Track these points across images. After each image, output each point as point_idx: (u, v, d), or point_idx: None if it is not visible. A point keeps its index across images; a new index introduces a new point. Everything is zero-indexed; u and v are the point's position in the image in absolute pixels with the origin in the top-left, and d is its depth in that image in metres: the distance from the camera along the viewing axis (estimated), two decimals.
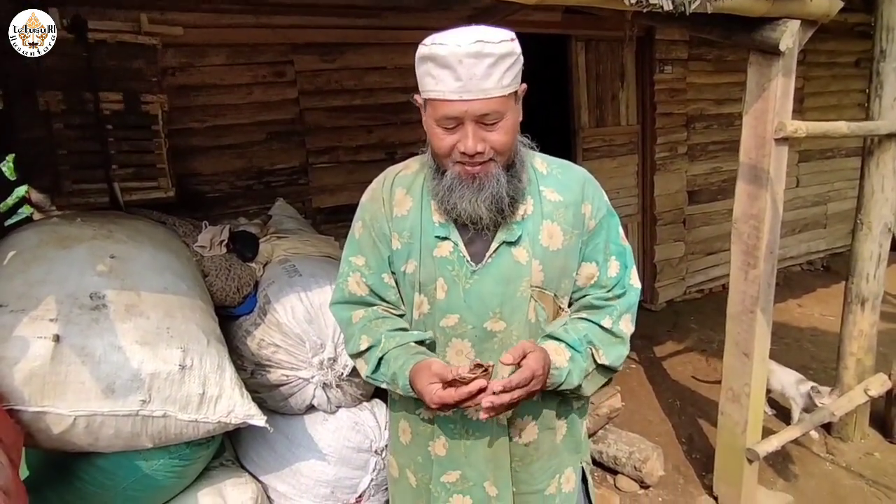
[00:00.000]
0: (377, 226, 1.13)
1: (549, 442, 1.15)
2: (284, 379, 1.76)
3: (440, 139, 1.00)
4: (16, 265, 1.36)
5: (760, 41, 1.78)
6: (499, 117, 0.98)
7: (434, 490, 1.14)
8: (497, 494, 1.12)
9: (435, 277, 1.07)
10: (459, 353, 1.08)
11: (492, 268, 1.06)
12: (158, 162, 2.15)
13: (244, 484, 1.65)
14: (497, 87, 0.95)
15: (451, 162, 1.01)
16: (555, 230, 1.07)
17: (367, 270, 1.14)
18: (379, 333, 1.10)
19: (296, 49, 2.81)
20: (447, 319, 1.07)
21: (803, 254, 5.11)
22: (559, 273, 1.09)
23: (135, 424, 1.30)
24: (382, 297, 1.15)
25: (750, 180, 1.96)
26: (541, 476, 1.15)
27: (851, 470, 2.44)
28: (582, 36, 3.69)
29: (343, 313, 1.17)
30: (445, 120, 0.97)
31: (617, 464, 2.39)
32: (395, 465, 1.26)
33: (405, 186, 1.12)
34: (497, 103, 0.96)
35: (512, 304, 1.06)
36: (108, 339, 1.29)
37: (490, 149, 0.99)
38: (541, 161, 1.14)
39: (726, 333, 2.15)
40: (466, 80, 0.93)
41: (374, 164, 3.06)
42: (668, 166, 4.17)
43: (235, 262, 1.87)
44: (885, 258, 2.44)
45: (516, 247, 1.06)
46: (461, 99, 0.95)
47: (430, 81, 0.97)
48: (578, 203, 1.10)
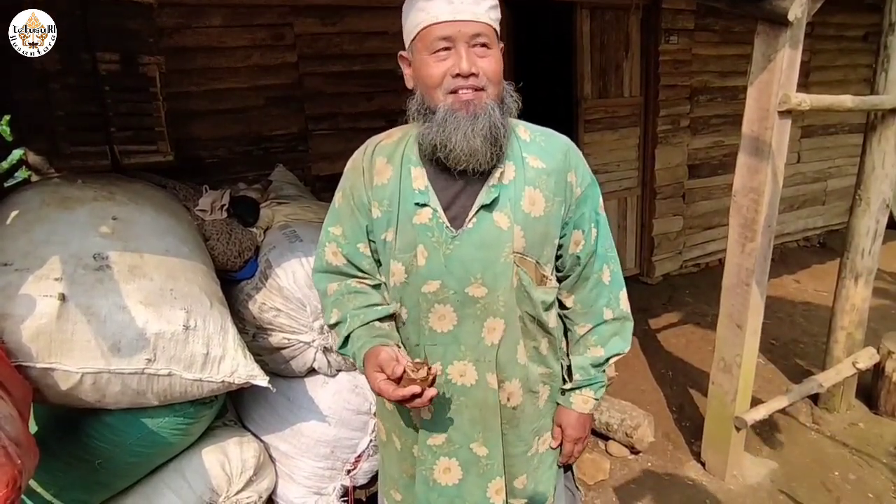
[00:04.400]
0: (357, 195, 1.14)
1: (532, 405, 1.19)
2: (285, 342, 1.79)
3: (432, 68, 1.01)
4: (19, 225, 1.36)
5: (769, 10, 1.75)
6: (489, 43, 1.01)
7: (420, 454, 1.17)
8: (487, 454, 1.15)
9: (415, 244, 1.08)
10: (442, 318, 1.10)
11: (473, 233, 1.06)
12: (157, 125, 2.12)
13: (247, 442, 1.70)
14: (486, 14, 1.01)
15: (444, 93, 1.02)
16: (537, 196, 1.08)
17: (342, 240, 1.17)
18: (347, 310, 1.15)
19: (295, 11, 2.75)
20: (428, 285, 1.08)
21: (801, 230, 5.13)
22: (541, 239, 1.10)
23: (140, 382, 1.33)
24: (357, 266, 1.17)
25: (751, 153, 1.96)
26: (527, 437, 1.20)
27: (836, 439, 2.52)
28: (587, 4, 3.61)
29: (320, 284, 1.21)
30: (438, 42, 1.00)
31: (609, 430, 2.46)
32: (382, 428, 1.30)
33: (386, 155, 1.13)
34: (487, 29, 1.01)
35: (495, 271, 1.07)
36: (112, 299, 1.31)
37: (482, 75, 1.01)
38: (523, 129, 1.14)
39: (720, 305, 2.19)
40: (458, 3, 0.99)
41: (373, 132, 2.98)
42: (669, 139, 4.14)
43: (236, 227, 1.87)
44: (881, 234, 2.46)
45: (497, 211, 1.06)
46: (454, 19, 0.99)
47: (421, 15, 1.01)
48: (562, 171, 1.11)
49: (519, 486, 1.21)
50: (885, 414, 2.65)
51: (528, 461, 1.21)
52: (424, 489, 1.18)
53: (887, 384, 2.62)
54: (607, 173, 4.04)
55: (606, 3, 3.66)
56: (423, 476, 1.18)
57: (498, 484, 1.16)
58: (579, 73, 3.72)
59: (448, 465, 1.15)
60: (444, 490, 1.16)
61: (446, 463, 1.15)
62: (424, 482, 1.18)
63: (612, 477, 2.32)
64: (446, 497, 1.17)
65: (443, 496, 1.17)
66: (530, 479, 1.21)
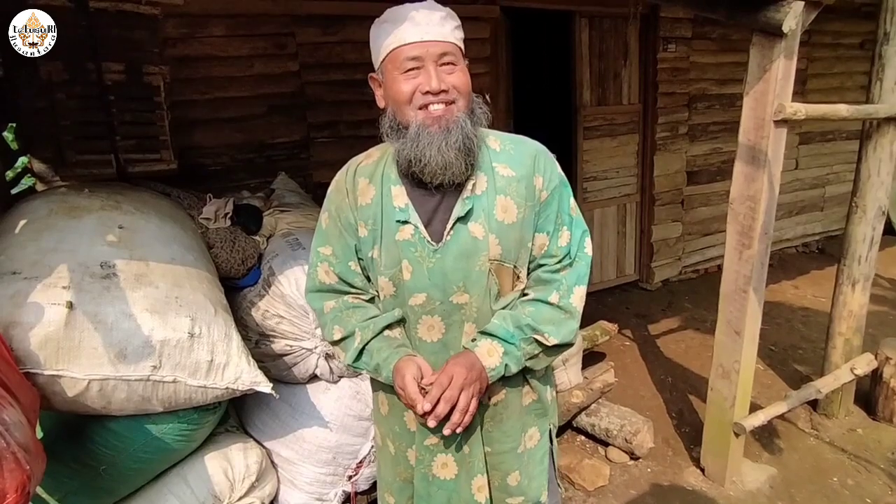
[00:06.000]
0: (343, 216, 1.17)
1: (516, 402, 1.22)
2: (288, 349, 1.80)
3: (402, 85, 1.06)
4: (27, 234, 1.38)
5: (764, 22, 1.78)
6: (455, 60, 1.07)
7: (419, 454, 1.21)
8: (469, 452, 1.19)
9: (399, 260, 1.12)
10: (431, 328, 1.14)
11: (451, 245, 1.10)
12: (161, 134, 2.15)
13: (249, 448, 1.71)
14: (451, 35, 1.07)
15: (415, 109, 1.06)
16: (509, 204, 1.11)
17: (334, 259, 1.19)
18: (351, 325, 1.17)
19: (297, 21, 2.78)
20: (415, 298, 1.12)
21: (799, 236, 5.15)
22: (516, 245, 1.13)
23: (146, 389, 1.35)
24: (351, 284, 1.20)
25: (748, 161, 1.99)
26: (513, 434, 1.22)
27: (834, 445, 2.53)
28: (586, 12, 3.65)
29: (316, 303, 1.23)
30: (408, 62, 1.05)
31: (608, 436, 2.47)
32: (378, 433, 1.33)
33: (367, 176, 1.16)
34: (453, 48, 1.07)
35: (472, 278, 1.11)
36: (119, 306, 1.33)
37: (452, 88, 1.06)
38: (494, 138, 1.17)
39: (719, 311, 2.20)
40: (424, 25, 1.04)
41: (374, 140, 2.99)
42: (668, 146, 4.17)
43: (240, 235, 1.89)
44: (877, 241, 2.48)
45: (472, 222, 1.10)
46: (422, 40, 1.04)
47: (390, 38, 1.06)
48: (530, 176, 1.13)
49: (513, 482, 1.23)
50: (883, 420, 2.66)
51: (518, 458, 1.23)
52: (425, 485, 1.22)
53: (885, 390, 2.63)
54: (606, 180, 4.07)
55: (605, 12, 3.70)
56: (423, 474, 1.22)
57: (480, 481, 1.21)
58: (578, 81, 3.75)
59: (445, 460, 1.20)
60: (443, 484, 1.21)
61: (443, 459, 1.20)
62: (424, 479, 1.22)
63: (612, 483, 2.33)
64: (445, 491, 1.21)
65: (442, 489, 1.21)
66: (524, 475, 1.24)
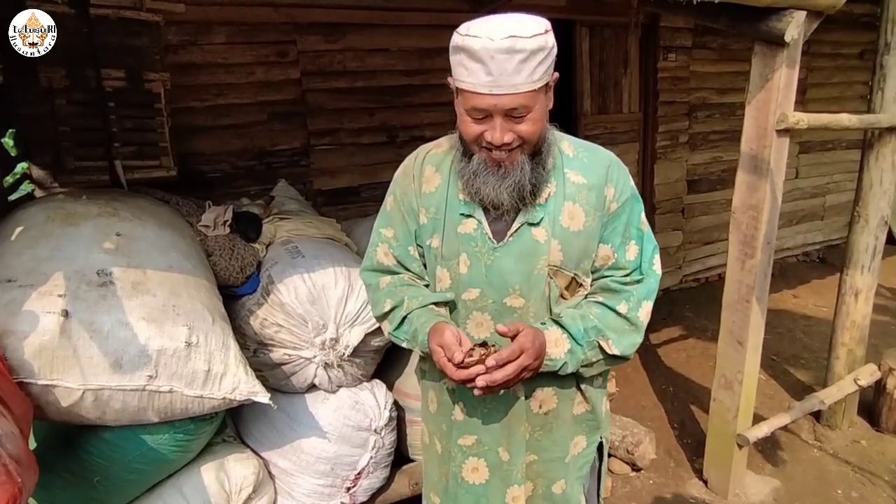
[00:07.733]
0: (406, 200, 1.19)
1: (567, 411, 1.20)
2: (287, 358, 1.78)
3: (469, 126, 1.04)
4: (23, 241, 1.37)
5: (766, 31, 1.78)
6: (527, 111, 1.00)
7: (452, 451, 1.21)
8: (509, 460, 1.18)
9: (458, 252, 1.12)
10: (479, 325, 1.14)
11: (512, 246, 1.10)
12: (161, 140, 2.14)
13: (246, 459, 1.69)
14: (527, 82, 0.97)
15: (478, 147, 1.06)
16: (576, 211, 1.10)
17: (394, 242, 1.21)
18: (402, 296, 1.17)
19: (299, 29, 2.78)
20: (468, 293, 1.13)
21: (800, 245, 5.15)
22: (579, 253, 1.12)
23: (142, 399, 1.33)
24: (407, 268, 1.22)
25: (750, 170, 1.98)
26: (562, 443, 1.21)
27: (838, 457, 2.51)
28: (587, 21, 3.66)
29: (372, 279, 1.25)
30: (475, 111, 1.01)
31: (610, 447, 2.44)
32: (426, 431, 1.34)
33: (435, 164, 1.17)
34: (526, 98, 0.98)
35: (530, 282, 1.10)
36: (115, 315, 1.31)
37: (517, 138, 1.02)
38: (568, 144, 1.16)
39: (721, 322, 2.19)
40: (497, 76, 0.95)
41: (375, 148, 3.05)
42: (668, 155, 4.17)
43: (239, 243, 1.88)
44: (880, 251, 2.47)
45: (537, 227, 1.10)
46: (491, 93, 0.97)
47: (462, 72, 0.99)
48: (602, 186, 1.12)
49: (558, 490, 1.23)
50: (886, 431, 2.64)
51: (565, 467, 1.22)
52: (454, 484, 1.22)
53: (889, 401, 2.61)
54: None
55: (605, 21, 3.71)
56: (453, 472, 1.22)
57: (516, 491, 1.19)
58: (579, 90, 3.76)
59: (476, 465, 1.19)
60: (470, 488, 1.20)
61: (475, 463, 1.19)
62: (454, 478, 1.22)
63: (614, 495, 2.30)
64: (473, 495, 1.21)
65: (469, 493, 1.21)
66: (569, 483, 1.23)
